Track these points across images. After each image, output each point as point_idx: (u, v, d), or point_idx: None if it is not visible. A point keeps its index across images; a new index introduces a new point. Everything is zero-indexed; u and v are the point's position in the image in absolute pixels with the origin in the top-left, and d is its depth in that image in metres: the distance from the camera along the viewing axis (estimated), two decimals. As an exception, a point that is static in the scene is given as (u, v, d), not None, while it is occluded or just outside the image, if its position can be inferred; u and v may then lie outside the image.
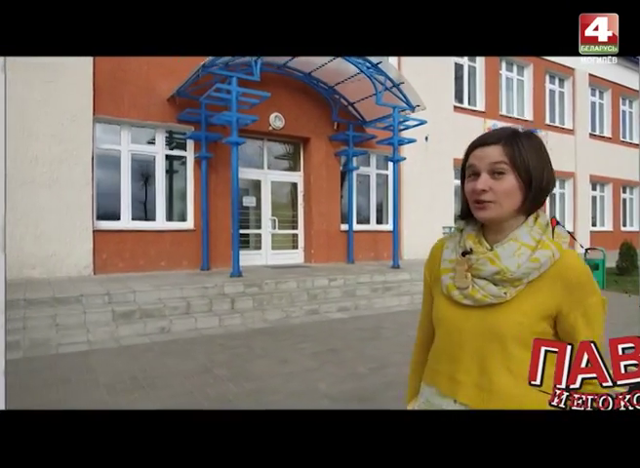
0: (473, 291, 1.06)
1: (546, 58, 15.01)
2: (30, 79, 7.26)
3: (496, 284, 1.05)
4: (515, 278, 1.03)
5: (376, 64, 8.69)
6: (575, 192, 16.09)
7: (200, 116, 8.50)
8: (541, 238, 1.05)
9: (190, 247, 8.73)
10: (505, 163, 1.01)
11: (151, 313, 5.59)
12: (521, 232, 1.06)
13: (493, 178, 1.03)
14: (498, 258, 1.04)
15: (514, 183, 1.02)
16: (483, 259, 1.06)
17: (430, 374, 1.20)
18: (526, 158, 1.02)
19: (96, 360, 4.38)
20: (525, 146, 1.02)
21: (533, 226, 1.07)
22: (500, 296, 1.04)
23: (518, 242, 1.05)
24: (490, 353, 1.05)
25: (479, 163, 1.04)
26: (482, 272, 1.06)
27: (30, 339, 4.70)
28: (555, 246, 1.04)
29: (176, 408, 3.28)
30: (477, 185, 1.03)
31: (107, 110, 7.98)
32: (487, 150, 1.03)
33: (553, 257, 1.03)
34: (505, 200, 1.03)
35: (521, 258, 1.03)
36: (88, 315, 5.27)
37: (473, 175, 1.06)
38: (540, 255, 1.03)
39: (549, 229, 1.07)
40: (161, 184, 8.75)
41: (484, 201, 1.03)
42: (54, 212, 7.44)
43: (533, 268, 1.02)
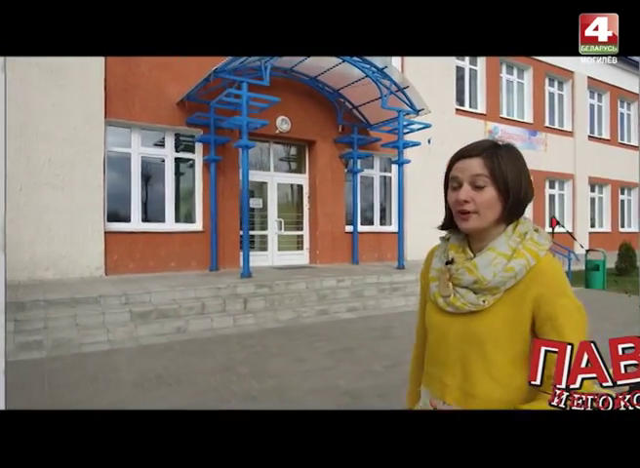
0: (454, 299, 1.12)
1: (546, 61, 15.21)
2: (44, 83, 7.39)
3: (475, 292, 1.09)
4: (492, 287, 1.07)
5: (381, 69, 8.85)
6: (574, 193, 16.28)
7: (209, 120, 8.64)
8: (517, 247, 1.08)
9: (199, 248, 8.87)
10: (486, 175, 1.06)
11: (167, 313, 5.73)
12: (499, 242, 1.10)
13: (474, 190, 1.07)
14: (475, 268, 1.09)
15: (494, 195, 1.06)
16: (462, 269, 1.11)
17: (425, 378, 1.25)
18: (505, 171, 1.06)
19: (119, 359, 4.52)
20: (504, 159, 1.07)
21: (511, 235, 1.10)
22: (479, 305, 1.08)
23: (495, 251, 1.09)
24: (471, 358, 1.10)
25: (461, 175, 1.09)
26: (462, 281, 1.11)
27: (53, 339, 4.84)
28: (530, 254, 1.07)
29: (204, 403, 3.43)
30: (459, 196, 1.07)
31: (118, 114, 8.12)
32: (468, 162, 1.08)
33: (528, 265, 1.06)
34: (486, 211, 1.07)
35: (497, 268, 1.07)
36: (107, 315, 5.41)
37: (455, 184, 1.10)
38: (514, 265, 1.06)
39: (527, 237, 1.10)
40: (170, 186, 8.89)
41: (466, 211, 1.07)
42: (66, 213, 7.57)
43: (508, 277, 1.06)
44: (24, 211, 7.25)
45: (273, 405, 3.41)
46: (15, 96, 7.16)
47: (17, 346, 4.66)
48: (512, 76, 14.94)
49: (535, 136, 15.20)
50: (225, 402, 3.47)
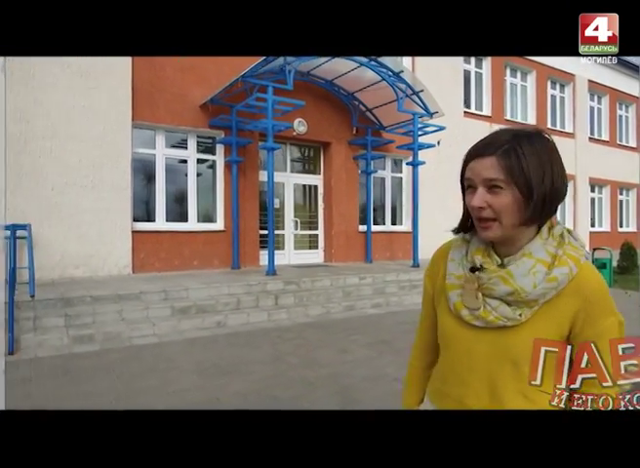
0: (485, 312, 0.99)
1: (548, 65, 15.57)
2: (75, 86, 7.60)
3: (509, 304, 0.97)
4: (531, 299, 0.95)
5: (397, 73, 9.14)
6: (575, 194, 16.65)
7: (231, 122, 8.88)
8: (557, 252, 0.97)
9: (221, 247, 9.11)
10: (502, 177, 0.93)
11: (206, 308, 5.98)
12: (535, 246, 0.98)
13: (490, 193, 0.95)
14: (511, 277, 0.96)
15: (512, 198, 0.93)
16: (495, 278, 0.98)
17: (437, 395, 1.15)
18: (525, 168, 0.92)
19: (171, 351, 4.76)
20: (525, 154, 0.93)
21: (547, 238, 0.99)
22: (515, 319, 0.96)
23: (533, 258, 0.97)
24: (502, 377, 0.99)
25: (475, 177, 0.97)
26: (494, 292, 0.98)
27: (103, 333, 5.07)
28: (573, 261, 0.97)
29: (267, 389, 3.69)
30: (473, 202, 0.96)
31: (144, 116, 8.33)
32: (482, 163, 0.95)
33: (571, 274, 0.96)
34: (505, 216, 0.94)
35: (537, 277, 0.95)
36: (150, 310, 5.65)
37: (470, 187, 0.99)
38: (558, 274, 0.95)
39: (566, 241, 0.99)
40: (193, 187, 9.12)
41: (486, 219, 0.96)
42: (95, 213, 7.78)
43: (550, 288, 0.95)
44: (55, 210, 7.46)
45: (333, 390, 3.68)
46: (46, 98, 7.38)
47: (70, 340, 4.89)
48: (516, 79, 15.28)
49: (537, 138, 15.54)
50: (287, 388, 3.72)
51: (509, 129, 0.99)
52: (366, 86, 9.88)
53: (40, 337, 4.78)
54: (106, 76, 7.87)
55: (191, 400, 3.47)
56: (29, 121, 7.30)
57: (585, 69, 16.68)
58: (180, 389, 3.68)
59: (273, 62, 7.95)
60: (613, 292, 4.41)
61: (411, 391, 1.27)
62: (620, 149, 18.26)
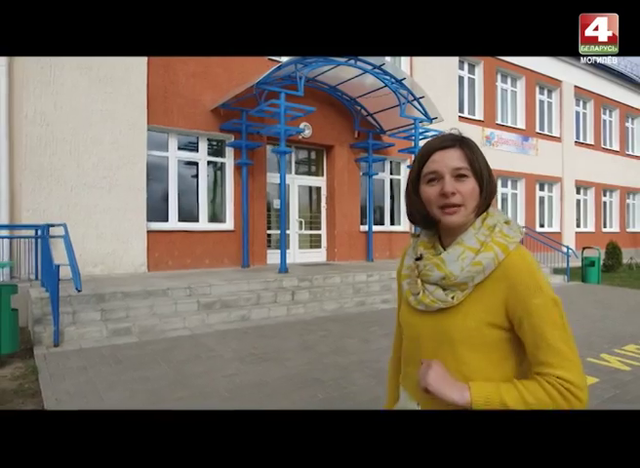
0: (423, 296, 1.08)
1: (537, 71, 16.18)
2: (93, 90, 7.87)
3: (444, 289, 1.06)
4: (460, 282, 1.03)
5: (400, 80, 9.57)
6: (562, 196, 17.29)
7: (241, 126, 9.21)
8: (486, 240, 1.05)
9: (231, 246, 9.44)
10: (467, 166, 1.03)
11: (229, 304, 6.31)
12: (467, 235, 1.06)
13: (456, 181, 1.03)
14: (443, 263, 1.05)
15: (475, 185, 1.04)
16: (430, 265, 1.07)
17: (402, 378, 1.24)
18: (480, 162, 1.05)
19: (206, 341, 5.09)
20: (475, 150, 1.06)
21: (480, 228, 1.07)
22: (447, 301, 1.05)
23: (463, 245, 1.05)
24: (443, 357, 1.06)
25: (441, 168, 1.04)
26: (430, 277, 1.07)
27: (139, 326, 5.38)
28: (499, 247, 1.03)
29: (309, 372, 4.06)
30: (447, 188, 1.02)
31: (158, 120, 8.63)
32: (448, 154, 1.04)
33: (497, 259, 1.02)
34: (470, 201, 1.04)
35: (464, 262, 1.03)
36: (178, 305, 5.97)
37: (434, 179, 1.05)
38: (482, 258, 1.02)
39: (496, 230, 1.06)
40: (204, 188, 9.44)
41: (454, 204, 1.03)
42: (112, 213, 8.05)
43: (476, 272, 1.02)
44: (74, 210, 7.71)
45: (367, 373, 4.06)
46: (66, 102, 7.64)
47: (109, 332, 5.19)
48: (507, 85, 15.85)
49: (527, 142, 16.13)
50: (325, 372, 4.10)
51: (451, 132, 1.10)
52: (368, 92, 10.29)
53: (81, 330, 5.07)
54: (123, 81, 8.15)
55: (240, 383, 3.82)
56: (50, 124, 7.54)
57: (572, 75, 17.36)
58: (229, 374, 4.02)
59: (284, 69, 8.31)
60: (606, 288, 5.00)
61: (392, 388, 1.36)
62: (604, 153, 18.98)
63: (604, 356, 4.80)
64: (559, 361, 0.97)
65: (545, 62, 16.31)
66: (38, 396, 3.55)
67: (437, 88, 12.51)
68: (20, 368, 4.23)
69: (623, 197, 20.05)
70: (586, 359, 4.65)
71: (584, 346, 5.01)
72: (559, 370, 0.96)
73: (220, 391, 3.64)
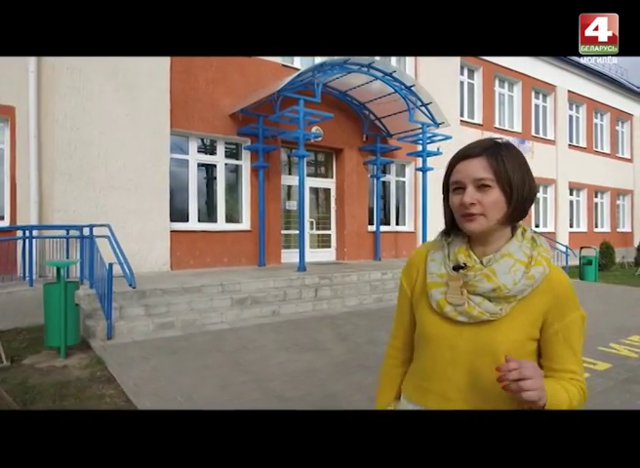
0: (469, 307, 1.06)
1: (532, 76, 16.74)
2: (120, 96, 8.19)
3: (491, 300, 1.05)
4: (511, 295, 1.04)
5: (409, 87, 10.01)
6: (556, 197, 17.88)
7: (258, 130, 9.58)
8: (532, 253, 1.07)
9: (248, 245, 9.80)
10: (490, 176, 1.02)
11: (259, 300, 6.69)
12: (513, 248, 1.07)
13: (479, 192, 1.03)
14: (494, 275, 1.04)
15: (499, 196, 1.03)
16: (480, 276, 1.05)
17: (417, 393, 1.19)
18: (509, 170, 1.02)
19: (247, 334, 5.47)
20: (507, 158, 1.03)
21: (522, 241, 1.09)
22: (497, 313, 1.05)
23: (512, 258, 1.06)
24: (483, 369, 1.05)
25: (464, 177, 1.05)
26: (478, 289, 1.05)
27: (181, 320, 5.74)
28: (546, 261, 1.07)
29: (355, 360, 4.46)
30: (465, 199, 1.03)
31: (180, 124, 8.96)
32: (471, 164, 1.04)
33: (544, 273, 1.06)
34: (492, 212, 1.03)
35: (517, 275, 1.04)
36: (214, 301, 6.33)
37: (459, 188, 1.06)
38: (535, 272, 1.05)
39: (538, 243, 1.09)
40: (221, 189, 9.80)
41: (473, 214, 1.03)
42: (138, 214, 8.37)
43: (528, 285, 1.05)
44: (103, 212, 8.02)
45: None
46: (94, 106, 7.95)
47: (155, 326, 5.55)
48: (504, 89, 16.39)
49: (523, 145, 16.65)
50: (367, 359, 4.50)
51: (487, 139, 1.10)
52: (376, 97, 10.72)
53: (130, 324, 5.42)
54: (147, 87, 8.47)
55: (293, 369, 4.21)
56: (79, 128, 7.85)
57: (565, 80, 17.96)
58: (279, 362, 4.41)
59: (302, 76, 8.70)
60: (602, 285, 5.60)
61: (386, 388, 1.34)
62: (595, 155, 19.63)
63: (613, 345, 5.27)
64: (581, 370, 1.10)
65: (541, 67, 16.88)
66: (113, 382, 3.91)
67: (440, 93, 12.93)
68: (83, 358, 4.57)
69: (614, 198, 20.74)
70: (597, 348, 5.12)
71: (594, 337, 5.47)
72: (580, 377, 1.08)
73: (277, 375, 4.03)
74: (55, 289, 4.49)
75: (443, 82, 13.32)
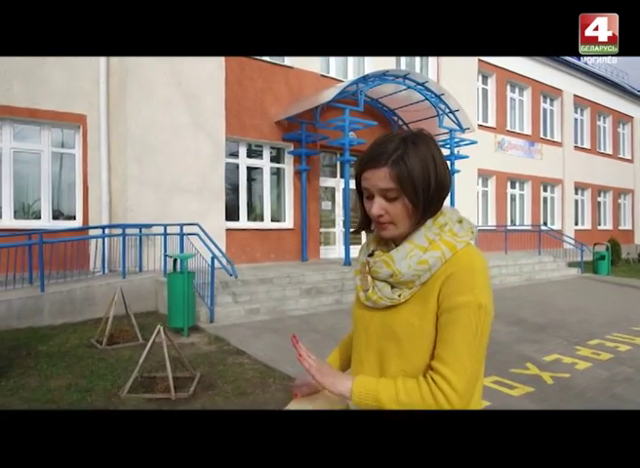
0: (372, 292, 1.08)
1: (541, 81, 17.65)
2: (183, 105, 8.97)
3: (393, 286, 1.05)
4: (407, 280, 1.02)
5: (439, 95, 10.85)
6: (563, 196, 18.81)
7: (301, 136, 10.39)
8: (435, 238, 1.04)
9: (291, 242, 10.62)
10: (394, 187, 1.00)
11: (322, 290, 7.51)
12: (417, 234, 1.05)
13: (386, 200, 1.02)
14: (392, 261, 1.04)
15: (406, 204, 1.01)
16: (379, 262, 1.06)
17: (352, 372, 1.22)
18: (413, 176, 0.98)
19: (327, 318, 6.28)
20: (410, 160, 0.99)
21: (430, 227, 1.06)
22: (394, 298, 1.04)
23: (412, 243, 1.04)
24: (388, 354, 1.07)
25: (371, 187, 1.03)
26: (379, 274, 1.07)
27: (265, 307, 6.56)
28: (447, 245, 1.03)
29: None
30: (373, 211, 1.03)
31: (234, 131, 9.76)
32: (376, 174, 1.01)
33: (444, 257, 1.02)
34: (400, 220, 1.03)
35: (412, 260, 1.02)
36: (286, 291, 7.15)
37: (368, 194, 1.05)
38: (428, 257, 1.02)
39: (446, 229, 1.05)
40: (267, 191, 10.60)
41: (382, 222, 1.04)
42: (199, 214, 9.12)
43: (422, 270, 1.01)
44: (169, 212, 8.79)
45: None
46: (162, 115, 8.72)
47: (246, 312, 6.36)
48: (515, 94, 17.28)
49: (533, 147, 17.59)
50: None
51: (396, 135, 1.05)
52: (405, 104, 11.56)
53: (225, 310, 6.22)
54: (206, 96, 9.25)
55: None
56: (147, 137, 8.62)
57: (571, 85, 18.88)
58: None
59: (348, 87, 9.51)
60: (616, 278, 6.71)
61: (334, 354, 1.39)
62: (599, 156, 20.59)
63: (639, 327, 6.13)
64: (452, 360, 0.97)
65: (549, 73, 17.79)
66: (243, 354, 4.71)
67: (460, 98, 13.79)
68: (202, 337, 5.37)
69: (616, 197, 21.71)
70: (629, 327, 5.97)
71: (622, 319, 6.34)
72: (446, 369, 0.96)
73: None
74: (178, 278, 5.29)
75: (463, 89, 14.15)
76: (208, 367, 4.28)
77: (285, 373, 4.04)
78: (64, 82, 8.32)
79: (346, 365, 1.34)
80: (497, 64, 15.80)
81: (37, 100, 8.13)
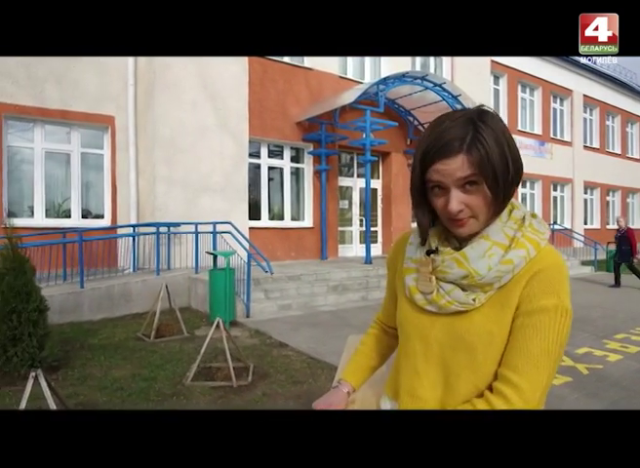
0: (437, 296, 0.94)
1: (551, 81, 17.82)
2: (208, 107, 9.18)
3: (464, 289, 0.92)
4: (485, 282, 0.90)
5: (456, 96, 11.04)
6: (572, 195, 18.99)
7: (321, 136, 10.59)
8: (516, 235, 0.91)
9: (310, 241, 10.83)
10: (476, 175, 0.86)
11: (348, 287, 7.73)
12: (493, 229, 0.92)
13: (464, 192, 0.87)
14: (466, 260, 0.91)
15: (487, 192, 0.87)
16: (449, 261, 0.93)
17: (392, 386, 1.12)
18: (492, 158, 0.85)
19: (358, 313, 6.48)
20: (488, 143, 0.85)
21: (507, 221, 0.94)
22: (468, 303, 0.92)
23: (490, 240, 0.91)
24: (457, 366, 0.95)
25: (445, 179, 0.87)
26: (448, 275, 0.93)
27: (296, 303, 6.77)
28: (531, 243, 0.91)
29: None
30: (452, 207, 0.87)
31: (256, 132, 9.97)
32: (451, 164, 0.86)
33: (528, 257, 0.90)
34: (482, 212, 0.89)
35: (492, 260, 0.89)
36: (314, 288, 7.36)
37: (438, 188, 0.89)
38: (513, 256, 0.89)
39: (526, 224, 0.93)
40: (287, 190, 10.82)
41: (462, 218, 0.89)
42: (224, 212, 9.33)
43: (505, 271, 0.89)
44: (196, 210, 9.01)
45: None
46: (188, 117, 8.93)
47: (278, 307, 6.58)
48: (526, 94, 17.46)
49: (543, 146, 17.76)
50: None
51: (456, 115, 0.90)
52: (421, 105, 11.75)
53: (259, 306, 6.44)
54: (231, 97, 9.47)
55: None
56: (175, 138, 8.84)
57: (581, 85, 19.05)
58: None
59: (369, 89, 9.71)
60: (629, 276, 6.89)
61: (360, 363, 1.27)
62: (608, 156, 20.74)
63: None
64: (528, 368, 0.87)
65: (559, 73, 17.96)
66: (286, 346, 4.92)
67: (474, 99, 14.02)
68: (243, 331, 5.59)
69: (625, 197, 21.86)
70: None
71: None
72: (520, 379, 0.88)
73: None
74: (219, 274, 5.51)
75: (477, 90, 14.33)
76: (256, 358, 4.49)
77: (331, 364, 4.24)
78: (95, 84, 8.55)
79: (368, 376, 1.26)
80: (508, 65, 15.98)
81: (68, 102, 8.36)
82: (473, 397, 0.93)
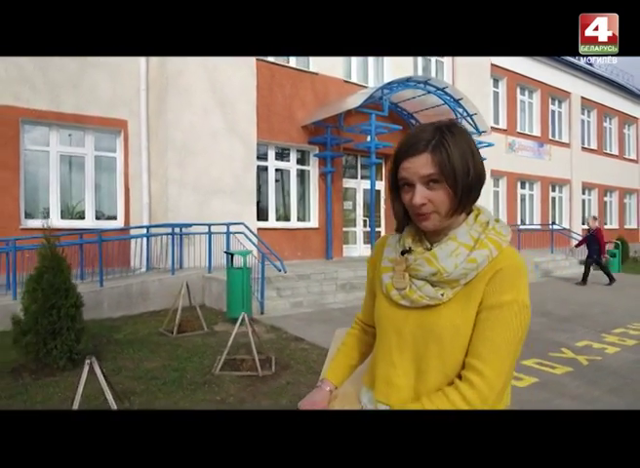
0: (410, 291, 1.05)
1: (550, 84, 18.13)
2: (218, 112, 9.45)
3: (433, 285, 1.03)
4: (452, 279, 1.01)
5: (458, 100, 11.34)
6: (571, 196, 19.30)
7: (326, 139, 10.87)
8: (480, 237, 1.03)
9: (316, 241, 11.11)
10: (437, 172, 0.98)
11: (355, 285, 8.00)
12: (460, 231, 1.05)
13: (428, 189, 1.00)
14: (435, 259, 1.02)
15: (448, 190, 0.99)
16: (421, 260, 1.04)
17: (368, 376, 1.21)
18: (453, 161, 0.97)
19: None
20: (451, 148, 0.98)
21: (473, 224, 1.06)
22: (437, 298, 1.02)
23: (456, 241, 1.03)
24: (427, 356, 1.05)
25: (411, 175, 1.00)
26: (420, 273, 1.04)
27: (307, 301, 7.05)
28: (493, 244, 1.02)
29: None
30: (415, 200, 1.00)
31: (264, 135, 10.24)
32: (416, 162, 0.99)
33: (491, 256, 1.01)
34: (443, 208, 1.00)
35: (458, 259, 1.01)
36: (323, 286, 7.64)
37: (407, 185, 1.02)
38: (477, 255, 1.01)
39: (489, 227, 1.05)
40: (294, 192, 11.10)
41: (425, 212, 1.01)
42: (234, 214, 9.58)
43: (470, 269, 1.01)
44: (207, 212, 9.27)
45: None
46: (199, 122, 9.20)
47: (290, 305, 6.86)
48: (525, 97, 17.77)
49: (542, 148, 18.07)
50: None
51: (428, 124, 1.04)
52: (423, 108, 12.05)
53: (272, 303, 6.71)
54: (239, 102, 9.74)
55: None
56: (186, 141, 9.10)
57: (579, 87, 19.37)
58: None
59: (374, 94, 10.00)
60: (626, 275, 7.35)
61: (341, 361, 1.36)
62: (605, 157, 21.08)
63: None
64: (491, 357, 0.97)
65: (557, 76, 18.28)
66: (302, 341, 5.20)
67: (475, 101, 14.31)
68: (259, 326, 5.84)
69: (622, 197, 22.19)
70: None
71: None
72: (484, 366, 0.97)
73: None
74: (237, 273, 5.78)
75: (477, 92, 14.63)
76: (276, 351, 4.76)
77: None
78: (108, 90, 8.82)
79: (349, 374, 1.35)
80: (507, 68, 16.28)
81: (83, 107, 8.62)
82: (444, 386, 1.02)
